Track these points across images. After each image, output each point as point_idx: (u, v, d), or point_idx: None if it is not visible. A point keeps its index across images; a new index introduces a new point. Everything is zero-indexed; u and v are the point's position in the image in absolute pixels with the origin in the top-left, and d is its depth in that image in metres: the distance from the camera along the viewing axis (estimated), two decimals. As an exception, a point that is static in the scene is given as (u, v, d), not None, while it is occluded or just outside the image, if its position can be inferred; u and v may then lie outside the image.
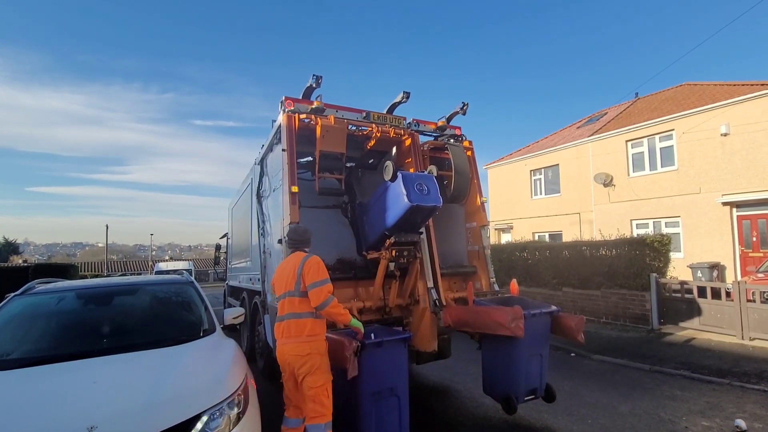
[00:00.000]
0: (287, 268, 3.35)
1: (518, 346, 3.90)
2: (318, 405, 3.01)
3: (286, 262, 3.45)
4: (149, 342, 3.12)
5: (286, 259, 3.50)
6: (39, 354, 2.96)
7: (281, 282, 3.34)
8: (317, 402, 3.02)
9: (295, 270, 3.24)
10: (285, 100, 4.67)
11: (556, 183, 18.70)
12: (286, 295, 3.25)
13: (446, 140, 5.66)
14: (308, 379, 3.04)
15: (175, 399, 2.35)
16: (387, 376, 3.45)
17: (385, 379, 3.43)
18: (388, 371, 3.46)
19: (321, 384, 3.05)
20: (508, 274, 10.97)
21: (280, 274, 3.42)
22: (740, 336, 7.18)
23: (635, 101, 18.79)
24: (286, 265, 3.40)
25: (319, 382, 3.04)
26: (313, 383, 3.03)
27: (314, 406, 3.01)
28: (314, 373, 3.04)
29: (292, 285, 3.22)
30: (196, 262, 42.46)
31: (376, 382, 3.37)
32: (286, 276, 3.29)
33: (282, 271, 3.40)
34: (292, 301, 3.21)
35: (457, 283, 5.42)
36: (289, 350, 3.11)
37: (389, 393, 3.45)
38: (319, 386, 3.04)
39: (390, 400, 3.46)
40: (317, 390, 3.03)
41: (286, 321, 3.20)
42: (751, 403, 4.63)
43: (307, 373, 3.04)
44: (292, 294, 3.21)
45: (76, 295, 3.77)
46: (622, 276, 9.15)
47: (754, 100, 12.30)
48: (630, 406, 4.63)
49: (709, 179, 13.25)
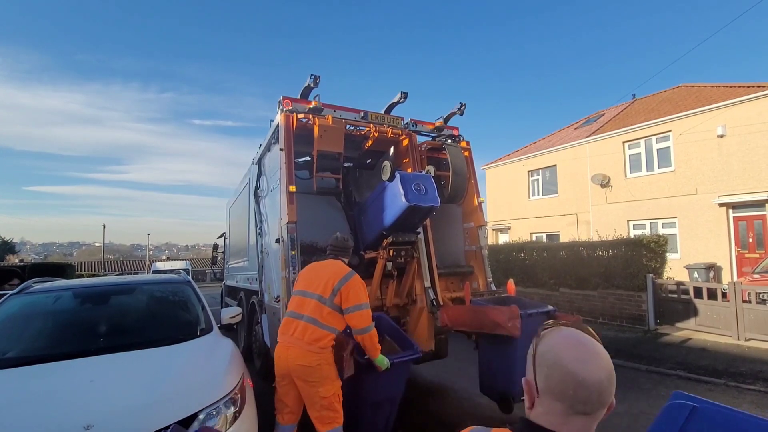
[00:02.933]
0: (324, 271, 3.19)
1: (515, 346, 3.91)
2: (332, 411, 2.97)
3: (323, 265, 3.29)
4: (146, 341, 3.11)
5: (324, 262, 3.34)
6: (35, 353, 2.95)
7: (311, 281, 3.18)
8: (331, 409, 2.97)
9: (334, 280, 3.09)
10: (283, 99, 4.67)
11: (553, 184, 18.75)
12: (315, 297, 3.09)
13: (444, 140, 5.67)
14: (320, 389, 2.95)
15: (172, 398, 2.35)
16: (390, 389, 3.52)
17: (387, 391, 3.51)
18: (392, 385, 3.53)
19: (333, 392, 2.99)
20: (506, 274, 10.97)
21: (312, 273, 3.25)
22: (736, 336, 7.22)
23: (632, 102, 18.86)
24: (323, 268, 3.24)
25: (332, 391, 2.98)
26: (326, 393, 2.96)
27: (328, 413, 2.96)
28: (325, 383, 2.96)
29: (327, 292, 3.07)
30: (194, 261, 42.33)
31: (379, 394, 3.44)
32: (322, 280, 3.13)
33: (316, 271, 3.24)
34: (320, 308, 3.05)
35: (454, 283, 5.43)
36: (296, 357, 2.96)
37: (388, 402, 3.54)
38: (333, 394, 2.98)
39: (385, 407, 3.55)
40: (331, 398, 2.97)
41: (303, 322, 3.04)
42: (747, 403, 4.66)
43: (318, 384, 2.94)
44: (322, 300, 3.06)
45: (73, 294, 3.76)
46: (618, 276, 9.18)
47: (750, 102, 12.36)
48: (626, 406, 4.64)
49: (705, 180, 13.31)
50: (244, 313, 6.29)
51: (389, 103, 5.28)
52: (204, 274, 35.46)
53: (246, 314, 6.51)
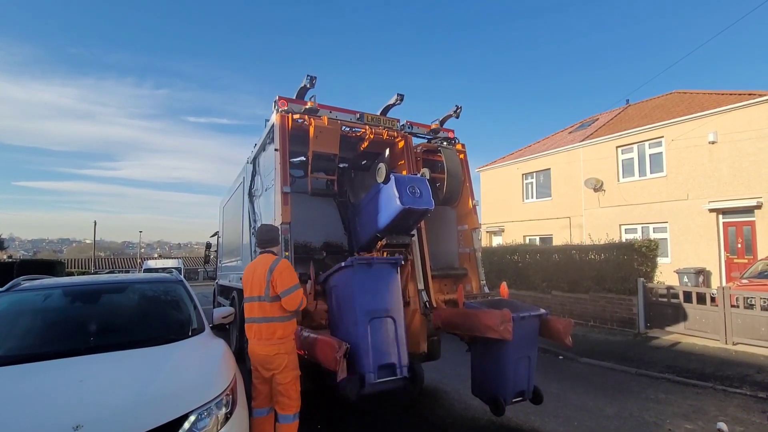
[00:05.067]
0: (257, 271, 3.39)
1: (507, 349, 3.93)
2: (287, 398, 3.24)
3: (255, 264, 3.49)
4: (137, 341, 3.09)
5: (255, 261, 3.54)
6: (24, 352, 2.92)
7: (250, 285, 3.42)
8: (287, 395, 3.24)
9: (264, 275, 3.30)
10: (278, 99, 4.66)
11: (547, 187, 18.87)
12: (256, 299, 3.34)
13: (439, 143, 5.69)
14: (278, 376, 3.23)
15: (163, 398, 2.34)
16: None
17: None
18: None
19: (290, 380, 3.26)
20: (499, 276, 11.03)
21: (249, 276, 3.46)
22: (724, 341, 7.32)
23: (626, 108, 19.05)
24: (255, 267, 3.44)
25: (288, 378, 3.25)
26: (282, 380, 3.23)
27: (284, 399, 3.23)
28: (283, 371, 3.23)
29: (262, 290, 3.30)
30: (186, 260, 42.03)
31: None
32: (256, 280, 3.36)
33: (251, 273, 3.44)
34: (262, 306, 3.30)
35: (447, 285, 5.44)
36: (260, 350, 3.27)
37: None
38: (288, 382, 3.25)
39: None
40: (287, 385, 3.24)
41: (257, 324, 3.31)
42: (734, 406, 4.73)
43: (277, 371, 3.22)
44: (262, 299, 3.31)
45: (63, 292, 3.72)
46: (610, 280, 9.27)
47: (741, 110, 12.54)
48: (616, 408, 4.69)
49: (696, 186, 13.48)
50: (236, 312, 6.26)
51: (385, 105, 5.29)
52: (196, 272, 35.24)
53: (239, 314, 6.46)
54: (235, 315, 4.47)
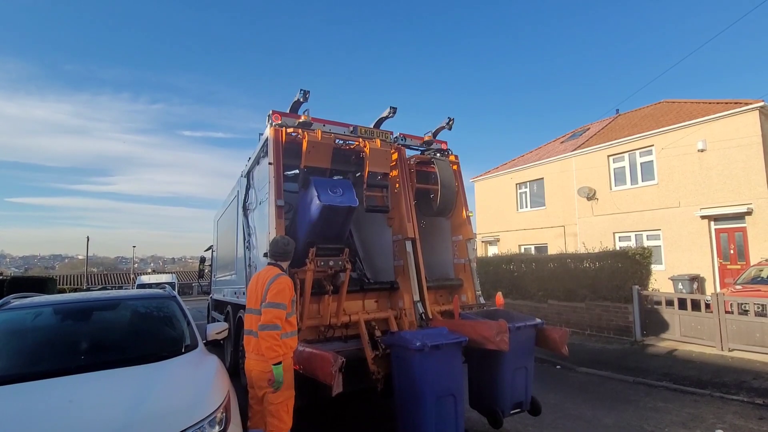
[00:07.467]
0: (258, 282, 3.32)
1: (503, 360, 3.92)
2: (277, 420, 3.08)
3: (258, 275, 3.42)
4: (129, 359, 3.05)
5: (259, 272, 3.46)
6: (13, 371, 2.86)
7: (253, 297, 3.34)
8: (276, 417, 3.08)
9: (263, 288, 3.22)
10: (272, 114, 4.70)
11: (541, 196, 19.01)
12: (254, 312, 3.26)
13: (432, 154, 5.74)
14: (270, 395, 3.07)
15: (154, 418, 2.30)
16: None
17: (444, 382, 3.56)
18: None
19: (281, 401, 3.10)
20: (495, 286, 11.02)
21: (252, 287, 3.40)
22: (720, 347, 7.33)
23: (616, 117, 19.33)
24: (258, 278, 3.37)
25: (279, 399, 3.09)
26: (273, 399, 3.08)
27: (273, 420, 3.08)
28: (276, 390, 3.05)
29: (259, 303, 3.21)
30: (180, 274, 41.55)
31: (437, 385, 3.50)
32: (258, 292, 3.28)
33: (254, 284, 3.37)
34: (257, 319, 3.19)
35: (443, 296, 5.44)
36: (254, 366, 3.18)
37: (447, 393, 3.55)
38: (279, 402, 3.09)
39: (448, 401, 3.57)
40: (277, 406, 3.09)
41: (254, 338, 3.21)
42: (731, 413, 4.72)
43: (269, 390, 3.06)
44: (257, 312, 3.21)
45: (54, 310, 3.67)
46: (605, 288, 9.29)
47: (728, 118, 12.78)
48: (614, 418, 4.66)
49: (687, 193, 13.64)
50: (230, 328, 6.19)
51: (378, 118, 5.34)
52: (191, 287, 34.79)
53: (233, 329, 6.40)
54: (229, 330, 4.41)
